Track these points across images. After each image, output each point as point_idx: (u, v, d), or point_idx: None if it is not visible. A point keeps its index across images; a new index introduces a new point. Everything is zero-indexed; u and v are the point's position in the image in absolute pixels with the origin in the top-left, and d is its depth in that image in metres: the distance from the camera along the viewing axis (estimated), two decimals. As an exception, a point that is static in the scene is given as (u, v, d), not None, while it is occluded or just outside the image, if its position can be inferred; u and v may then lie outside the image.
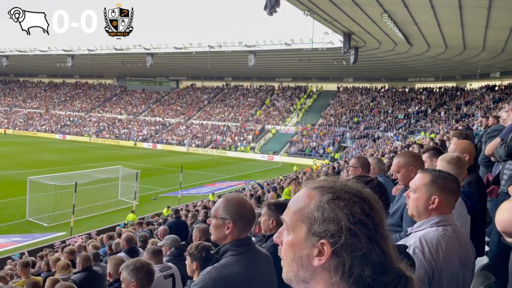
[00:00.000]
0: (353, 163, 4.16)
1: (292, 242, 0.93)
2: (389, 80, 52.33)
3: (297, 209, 0.94)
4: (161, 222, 12.58)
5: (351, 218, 0.87)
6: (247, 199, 2.20)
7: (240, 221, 2.06)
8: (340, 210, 0.88)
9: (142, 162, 35.57)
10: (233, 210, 2.07)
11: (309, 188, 0.96)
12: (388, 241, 0.92)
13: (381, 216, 0.92)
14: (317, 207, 0.90)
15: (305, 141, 46.14)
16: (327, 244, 0.87)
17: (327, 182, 0.95)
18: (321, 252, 0.88)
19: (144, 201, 22.12)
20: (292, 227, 0.94)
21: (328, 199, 0.90)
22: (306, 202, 0.93)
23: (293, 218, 0.94)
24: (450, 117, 40.50)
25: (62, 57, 59.47)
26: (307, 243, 0.90)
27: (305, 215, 0.92)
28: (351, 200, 0.90)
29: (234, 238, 2.06)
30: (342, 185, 0.93)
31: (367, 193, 0.94)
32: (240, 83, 63.17)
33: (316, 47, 42.32)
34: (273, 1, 18.27)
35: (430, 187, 1.87)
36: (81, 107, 67.05)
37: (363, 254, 0.86)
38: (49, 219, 18.10)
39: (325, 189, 0.93)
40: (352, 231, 0.86)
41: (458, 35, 25.47)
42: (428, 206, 1.86)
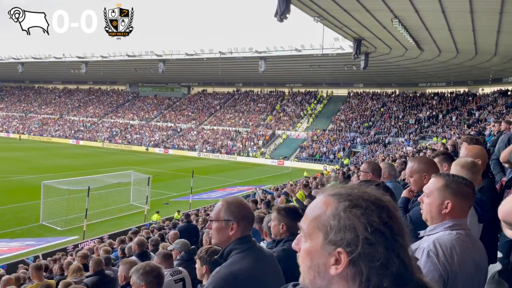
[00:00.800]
0: (364, 168, 4.14)
1: (309, 249, 0.92)
2: (399, 85, 52.02)
3: (313, 216, 0.92)
4: (171, 226, 12.73)
5: (368, 227, 0.85)
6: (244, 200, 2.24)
7: (243, 221, 2.10)
8: (357, 219, 0.86)
9: (153, 167, 35.88)
10: (236, 211, 2.10)
11: (326, 195, 0.94)
12: (408, 250, 0.90)
13: (400, 224, 0.90)
14: (333, 215, 0.89)
15: (315, 146, 46.05)
16: (344, 253, 0.85)
17: (345, 189, 0.93)
18: (338, 260, 0.86)
19: (155, 206, 22.27)
20: (309, 235, 0.92)
21: (345, 207, 0.88)
22: (323, 210, 0.91)
23: (310, 225, 0.92)
24: (462, 122, 40.09)
25: (76, 63, 60.45)
26: (323, 252, 0.88)
27: (321, 222, 0.90)
28: (368, 208, 0.88)
29: (237, 238, 2.10)
30: (360, 192, 0.91)
31: (386, 201, 0.91)
32: (250, 88, 63.41)
33: (326, 52, 42.30)
34: (284, 8, 18.40)
35: (443, 191, 1.86)
36: (94, 113, 67.94)
37: (381, 264, 0.84)
38: (62, 223, 18.32)
39: (342, 196, 0.91)
40: (369, 240, 0.84)
41: (470, 39, 25.27)
42: (441, 211, 1.85)
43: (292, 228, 2.90)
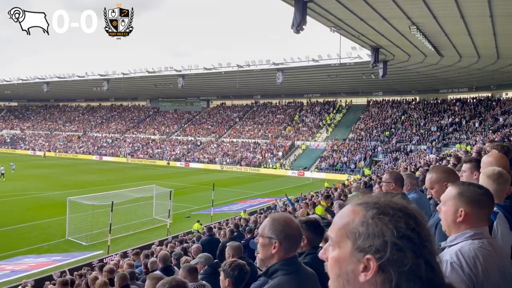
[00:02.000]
0: (386, 178, 4.09)
1: (337, 257, 0.92)
2: (420, 92, 51.28)
3: (342, 225, 0.94)
4: (194, 240, 12.77)
5: (396, 233, 0.86)
6: (294, 218, 2.20)
7: (286, 241, 2.05)
8: (384, 225, 0.88)
9: (175, 181, 36.20)
10: (279, 229, 2.06)
11: (354, 204, 0.96)
12: (437, 258, 0.90)
13: (427, 231, 0.91)
14: (361, 222, 0.90)
15: (335, 156, 45.66)
16: (373, 259, 0.86)
17: (372, 198, 0.95)
18: (367, 267, 0.87)
19: (177, 219, 22.43)
20: (338, 243, 0.93)
21: (373, 214, 0.90)
22: (351, 218, 0.92)
23: (338, 233, 0.94)
24: (486, 128, 39.10)
25: (98, 81, 61.99)
26: (352, 259, 0.89)
27: (350, 230, 0.91)
28: (395, 215, 0.89)
29: (281, 257, 2.06)
30: (386, 201, 0.93)
31: (412, 209, 0.93)
32: (269, 100, 63.63)
33: (343, 62, 42.15)
34: (300, 19, 18.48)
35: (457, 200, 1.84)
36: (116, 129, 69.32)
37: (410, 269, 0.84)
38: (87, 238, 18.58)
39: (369, 204, 0.93)
40: (398, 246, 0.85)
41: (491, 44, 24.81)
42: (455, 219, 1.82)
43: (314, 241, 2.91)
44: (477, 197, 1.84)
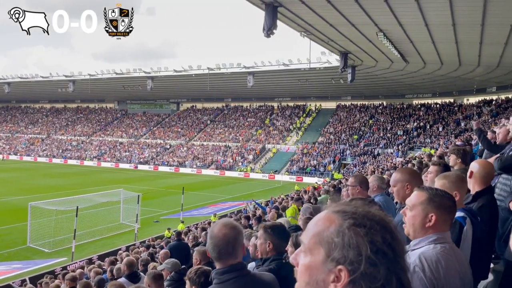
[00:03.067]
0: (352, 182, 4.14)
1: (308, 265, 0.89)
2: (386, 97, 52.68)
3: (316, 232, 0.90)
4: (163, 245, 12.52)
5: (372, 247, 0.84)
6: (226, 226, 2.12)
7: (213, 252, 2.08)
8: (361, 238, 0.85)
9: (143, 185, 35.52)
10: (208, 242, 2.11)
11: (330, 211, 0.92)
12: (408, 273, 0.88)
13: (402, 246, 0.89)
14: (337, 232, 0.87)
15: (305, 159, 46.13)
16: (345, 271, 0.83)
17: (350, 206, 0.92)
18: (338, 278, 0.84)
19: (146, 224, 21.99)
20: (310, 250, 0.90)
21: (350, 224, 0.87)
22: (326, 226, 0.89)
23: (311, 240, 0.90)
24: (449, 132, 40.60)
25: (63, 82, 60.15)
26: (324, 268, 0.86)
27: (324, 239, 0.88)
28: (373, 228, 0.86)
29: (219, 266, 2.09)
30: (364, 212, 0.90)
31: (389, 222, 0.90)
32: (239, 103, 63.62)
33: (313, 66, 42.77)
34: (270, 23, 18.60)
35: (426, 205, 1.85)
36: (82, 132, 67.37)
37: (381, 286, 0.82)
38: (50, 245, 17.95)
39: (347, 214, 0.89)
40: (372, 261, 0.83)
41: (453, 51, 25.79)
42: (425, 224, 1.84)
43: (279, 247, 2.85)
44: (446, 202, 1.88)
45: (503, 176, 3.66)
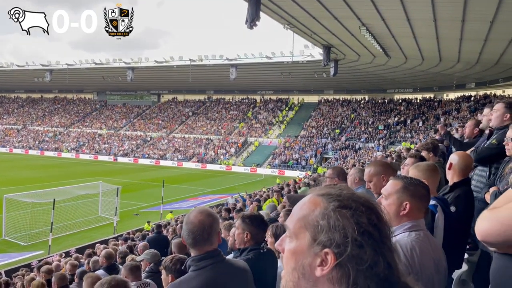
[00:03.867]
0: (329, 174, 4.24)
1: (294, 250, 0.88)
2: (368, 91, 53.21)
3: (301, 216, 0.89)
4: (141, 237, 12.34)
5: (358, 228, 0.83)
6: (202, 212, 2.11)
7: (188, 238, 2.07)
8: (346, 220, 0.84)
9: (123, 177, 35.02)
10: (184, 228, 2.10)
11: (315, 194, 0.91)
12: (395, 254, 0.88)
13: (388, 227, 0.88)
14: (322, 214, 0.85)
15: (288, 153, 46.28)
16: (331, 254, 0.82)
17: (334, 189, 0.91)
18: (324, 261, 0.83)
19: (125, 217, 21.70)
20: (295, 234, 0.88)
21: (335, 207, 0.85)
22: (311, 209, 0.88)
23: (296, 225, 0.88)
24: (429, 127, 41.32)
25: (40, 72, 58.58)
26: (310, 252, 0.85)
27: (309, 222, 0.86)
28: (358, 209, 0.85)
29: (195, 254, 2.07)
30: (349, 194, 0.89)
31: (374, 203, 0.90)
32: (222, 96, 63.26)
33: (296, 60, 42.81)
34: (253, 15, 18.40)
35: (401, 193, 1.89)
36: (60, 123, 65.90)
37: (368, 267, 0.81)
38: (26, 238, 17.57)
39: (331, 196, 0.88)
40: (358, 242, 0.82)
41: (434, 47, 26.13)
42: (399, 212, 1.87)
43: (257, 237, 2.84)
44: (420, 190, 1.93)
45: (479, 168, 3.76)
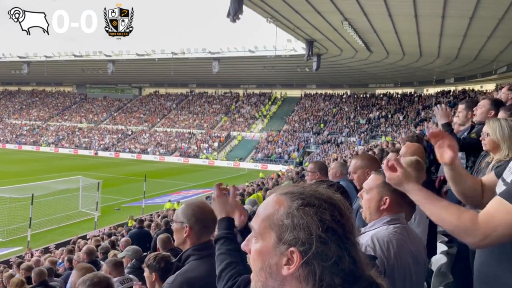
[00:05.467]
0: (311, 168, 4.27)
1: (260, 250, 0.89)
2: (351, 86, 53.66)
3: (266, 215, 0.90)
4: (124, 233, 12.21)
5: (322, 225, 0.84)
6: (207, 205, 2.15)
7: (197, 225, 2.05)
8: (310, 217, 0.85)
9: (104, 172, 34.52)
10: (190, 213, 2.07)
11: (278, 194, 0.92)
12: (358, 248, 0.89)
13: (351, 222, 0.90)
14: (286, 213, 0.86)
15: (270, 147, 46.40)
16: (297, 252, 0.83)
17: (297, 187, 0.92)
18: (290, 260, 0.84)
19: (106, 212, 21.44)
20: (261, 235, 0.89)
21: (298, 205, 0.86)
22: (275, 209, 0.89)
23: (261, 225, 0.90)
24: (409, 122, 41.99)
25: (17, 64, 57.02)
26: (276, 251, 0.86)
27: (274, 222, 0.87)
28: (321, 206, 0.86)
29: (193, 242, 2.06)
30: (312, 191, 0.90)
31: (337, 199, 0.91)
32: (204, 89, 62.84)
33: (279, 54, 42.81)
34: (236, 8, 18.31)
35: (382, 188, 1.90)
36: (38, 116, 64.40)
37: (334, 263, 0.83)
38: (4, 234, 17.23)
39: (294, 195, 0.89)
40: (323, 239, 0.83)
41: (415, 42, 26.50)
42: (379, 207, 1.89)
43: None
44: None
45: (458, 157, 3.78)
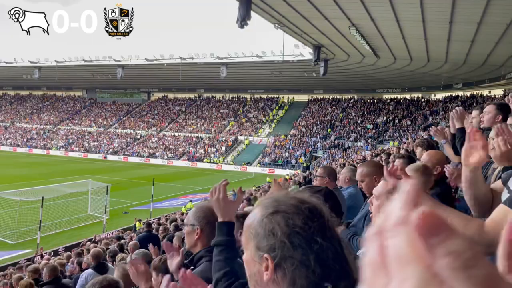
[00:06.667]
0: (320, 173, 4.21)
1: (246, 259, 0.94)
2: (358, 91, 53.56)
3: (246, 226, 0.95)
4: (133, 236, 12.36)
5: (287, 230, 0.88)
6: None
7: (208, 227, 2.06)
8: (276, 224, 0.89)
9: (112, 175, 34.81)
10: (201, 216, 2.09)
11: (257, 204, 0.99)
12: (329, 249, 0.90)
13: (319, 223, 0.91)
14: (259, 222, 0.92)
15: (277, 151, 46.44)
16: (269, 258, 0.88)
17: (274, 196, 0.97)
18: (266, 266, 0.89)
19: (115, 215, 21.62)
20: (245, 245, 0.95)
21: (268, 213, 0.91)
22: (252, 219, 0.94)
23: (244, 235, 0.95)
24: (417, 127, 41.80)
25: (29, 68, 57.83)
26: (255, 259, 0.91)
27: (251, 232, 0.93)
28: (287, 211, 0.90)
29: (204, 244, 2.06)
30: (284, 198, 0.94)
31: (308, 203, 0.93)
32: (212, 94, 63.12)
33: (286, 59, 42.93)
34: (244, 14, 18.48)
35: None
36: (48, 120, 65.16)
37: (301, 265, 0.86)
38: (14, 236, 17.40)
39: (268, 203, 0.94)
40: (289, 243, 0.87)
41: (422, 48, 26.46)
42: None
43: None
44: None
45: None
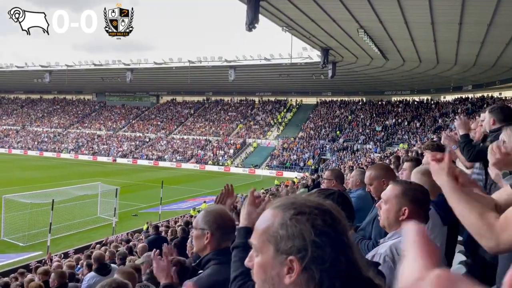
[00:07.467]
0: (327, 176, 4.21)
1: (261, 263, 0.93)
2: (366, 93, 53.31)
3: (263, 230, 0.94)
4: (141, 238, 12.42)
5: (314, 231, 0.88)
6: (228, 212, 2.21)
7: (218, 231, 2.07)
8: (302, 225, 0.89)
9: (122, 178, 35.04)
10: (211, 220, 2.10)
11: (272, 207, 0.97)
12: (355, 249, 0.93)
13: (343, 225, 0.93)
14: (281, 224, 0.91)
15: (286, 154, 46.36)
16: (296, 260, 0.87)
17: (289, 199, 0.97)
18: (291, 269, 0.88)
19: (124, 218, 21.74)
20: (260, 249, 0.94)
21: (291, 215, 0.91)
22: (271, 222, 0.93)
23: (259, 239, 0.94)
24: (426, 129, 41.44)
25: (40, 73, 58.53)
26: (276, 262, 0.90)
27: (270, 234, 0.92)
28: (312, 213, 0.91)
29: (213, 248, 2.08)
30: (303, 200, 0.95)
31: (327, 205, 0.95)
32: (220, 97, 63.30)
33: (295, 62, 42.89)
34: (252, 18, 18.52)
35: (400, 198, 1.91)
36: (59, 123, 65.85)
37: (330, 265, 0.87)
38: (24, 239, 17.57)
39: (286, 206, 0.94)
40: (317, 243, 0.87)
41: (432, 49, 26.26)
42: (398, 217, 1.90)
43: None
44: (419, 196, 1.94)
45: (475, 172, 3.76)
